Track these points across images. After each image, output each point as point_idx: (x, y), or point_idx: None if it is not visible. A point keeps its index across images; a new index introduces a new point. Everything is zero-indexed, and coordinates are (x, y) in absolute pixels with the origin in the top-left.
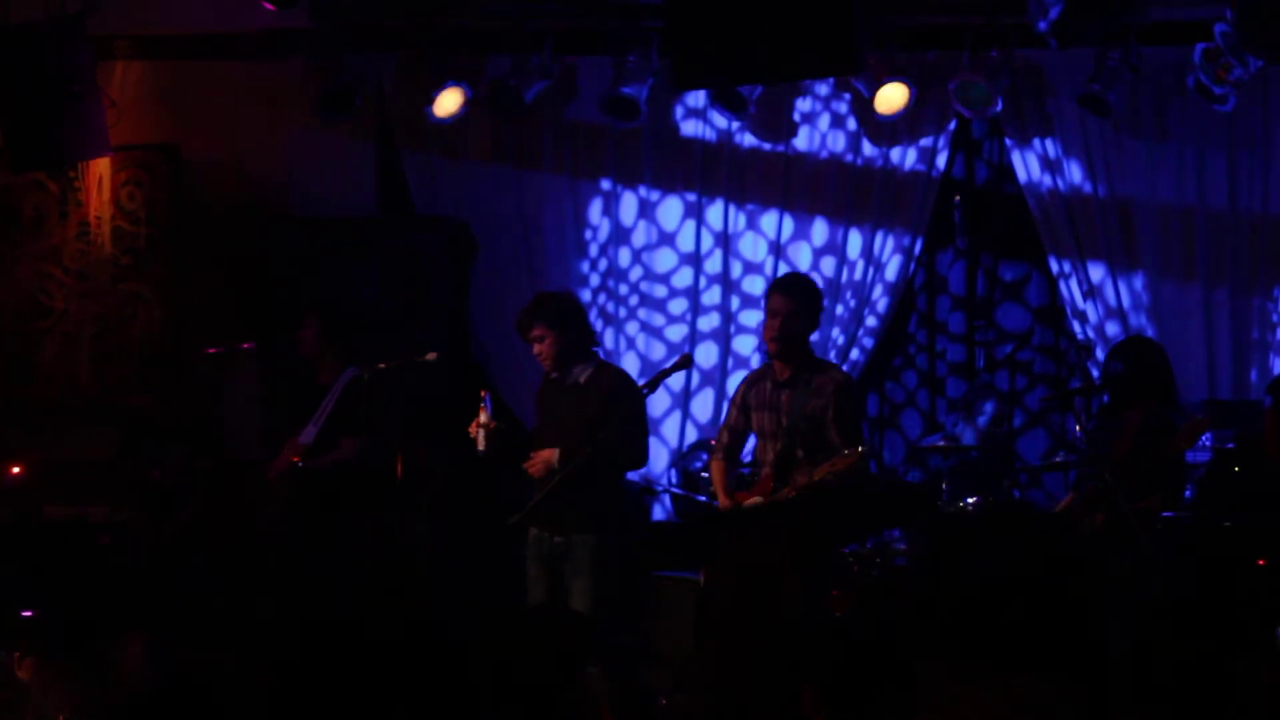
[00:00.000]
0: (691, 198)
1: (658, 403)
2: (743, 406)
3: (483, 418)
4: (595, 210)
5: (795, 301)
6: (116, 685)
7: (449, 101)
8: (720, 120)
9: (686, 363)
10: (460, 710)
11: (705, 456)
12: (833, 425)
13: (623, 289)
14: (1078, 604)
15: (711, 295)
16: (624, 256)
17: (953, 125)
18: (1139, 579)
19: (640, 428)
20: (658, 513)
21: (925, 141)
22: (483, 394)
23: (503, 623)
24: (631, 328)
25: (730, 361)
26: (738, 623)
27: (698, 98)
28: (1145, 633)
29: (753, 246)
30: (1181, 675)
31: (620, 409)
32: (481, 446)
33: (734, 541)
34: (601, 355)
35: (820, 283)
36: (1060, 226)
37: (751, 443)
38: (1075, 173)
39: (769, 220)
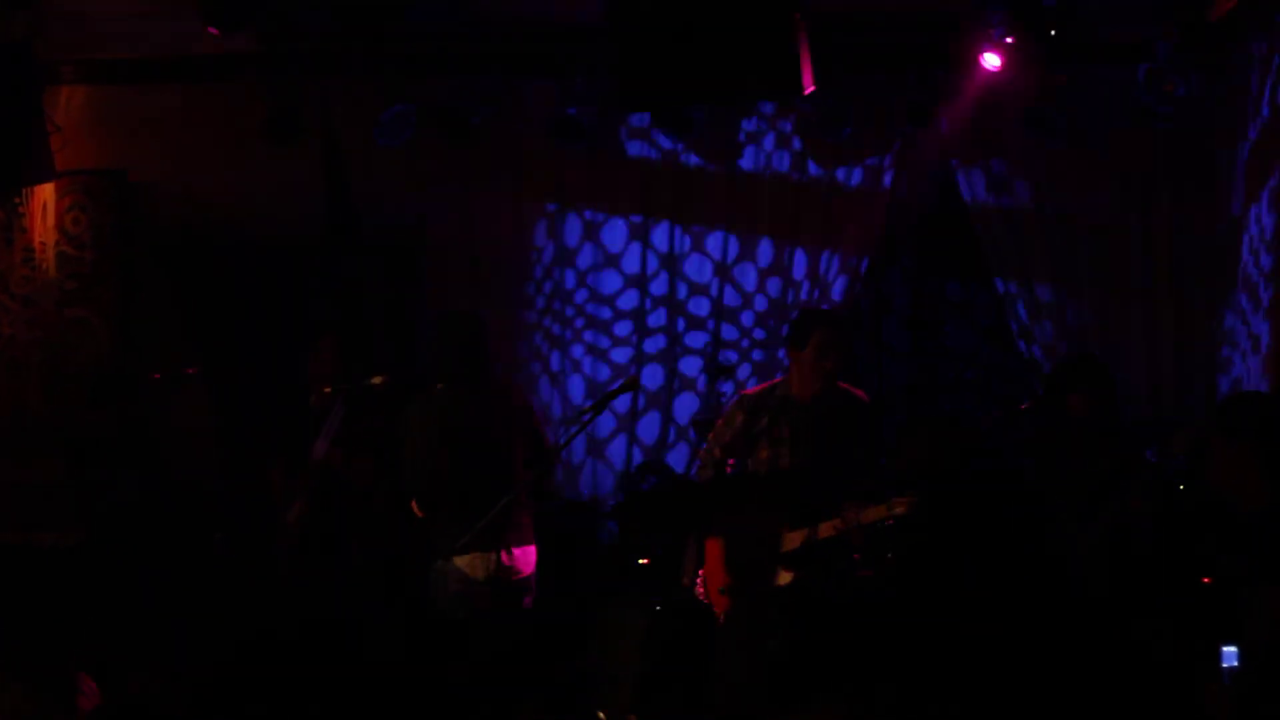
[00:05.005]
0: (637, 219)
1: (604, 425)
2: (747, 435)
3: None
4: (541, 232)
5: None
6: (69, 711)
7: (396, 124)
8: (665, 141)
9: (633, 385)
10: None
11: (653, 479)
12: (862, 449)
13: (568, 311)
14: None
15: (657, 317)
16: (569, 278)
17: (898, 145)
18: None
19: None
20: (605, 536)
21: (871, 161)
22: None
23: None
24: (577, 350)
25: (676, 383)
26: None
27: (643, 119)
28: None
29: (698, 268)
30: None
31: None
32: None
33: None
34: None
35: (764, 304)
36: (1006, 246)
37: None
38: (1021, 192)
39: (714, 241)
